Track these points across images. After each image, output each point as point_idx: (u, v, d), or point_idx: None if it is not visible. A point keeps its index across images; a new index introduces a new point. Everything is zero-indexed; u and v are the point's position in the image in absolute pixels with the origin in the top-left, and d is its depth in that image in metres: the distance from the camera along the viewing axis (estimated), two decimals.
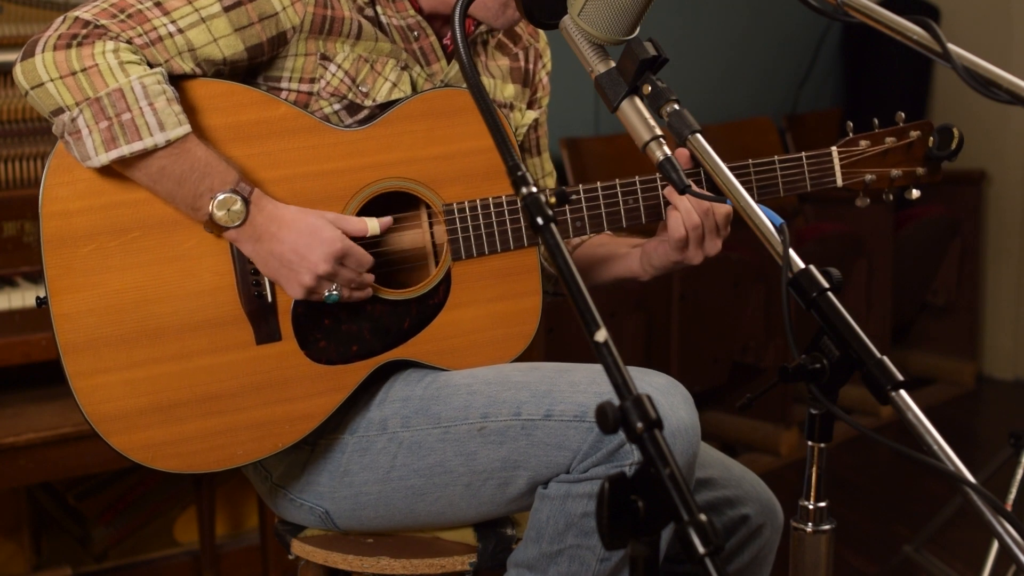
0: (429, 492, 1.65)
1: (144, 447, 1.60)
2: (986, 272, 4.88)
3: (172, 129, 1.53)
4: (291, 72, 1.66)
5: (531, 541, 1.59)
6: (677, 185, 1.24)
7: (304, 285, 1.58)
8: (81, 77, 1.51)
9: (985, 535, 2.24)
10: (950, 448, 1.05)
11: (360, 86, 1.68)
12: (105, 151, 1.52)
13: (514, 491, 1.61)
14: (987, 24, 4.74)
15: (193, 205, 1.56)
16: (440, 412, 1.63)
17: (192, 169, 1.54)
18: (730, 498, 1.75)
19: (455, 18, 1.25)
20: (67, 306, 1.58)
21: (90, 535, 2.93)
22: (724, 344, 3.89)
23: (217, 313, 1.61)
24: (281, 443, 1.64)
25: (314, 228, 1.58)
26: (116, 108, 1.51)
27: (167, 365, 1.60)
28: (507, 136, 1.15)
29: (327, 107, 1.67)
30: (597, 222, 1.73)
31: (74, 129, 1.52)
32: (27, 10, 2.67)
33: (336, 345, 1.65)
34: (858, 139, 1.82)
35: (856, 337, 1.11)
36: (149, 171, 1.55)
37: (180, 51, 1.57)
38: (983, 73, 1.14)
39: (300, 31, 1.64)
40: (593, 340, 0.98)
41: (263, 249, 1.58)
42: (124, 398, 1.59)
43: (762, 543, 1.78)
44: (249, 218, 1.56)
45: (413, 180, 1.68)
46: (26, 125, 2.64)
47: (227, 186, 1.55)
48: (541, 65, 1.90)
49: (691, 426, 1.54)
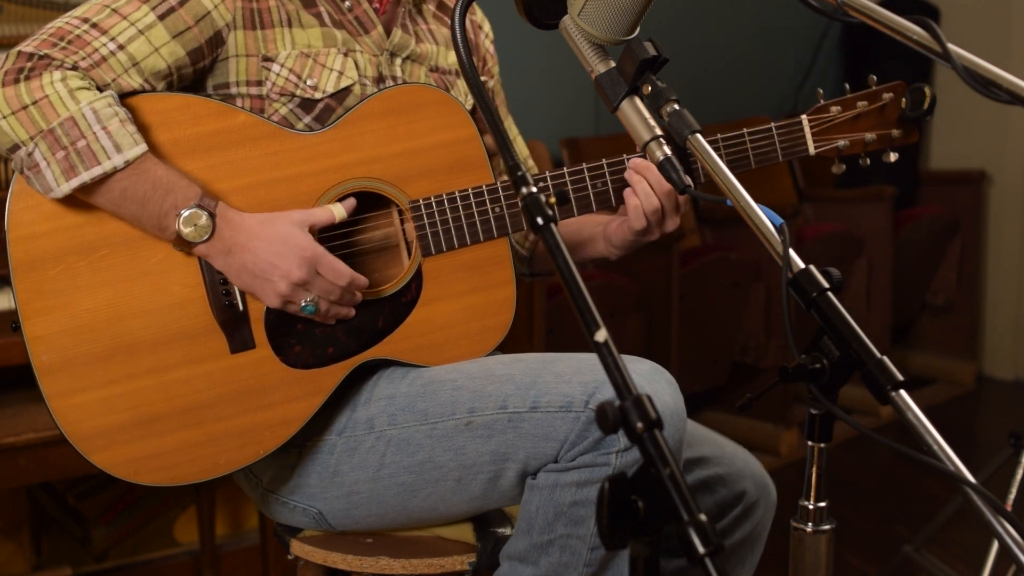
0: (420, 488, 1.65)
1: (126, 462, 1.60)
2: (986, 272, 4.88)
3: (129, 149, 1.53)
4: (236, 76, 1.67)
5: (522, 532, 1.59)
6: (677, 185, 1.24)
7: (280, 293, 1.58)
8: (33, 110, 1.51)
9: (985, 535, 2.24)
10: (950, 448, 1.05)
11: (306, 81, 1.68)
12: (66, 180, 1.52)
13: (505, 484, 1.62)
14: (987, 24, 4.75)
15: (159, 224, 1.56)
16: (427, 408, 1.64)
17: (154, 188, 1.54)
18: (723, 476, 1.76)
19: (455, 18, 1.25)
20: (40, 328, 1.58)
21: (90, 535, 2.93)
22: (724, 344, 3.89)
23: (190, 325, 1.61)
24: (263, 450, 1.64)
25: (285, 235, 1.58)
26: (70, 136, 1.51)
27: (143, 380, 1.60)
28: (507, 136, 1.15)
29: (281, 108, 1.68)
30: (567, 209, 1.73)
31: (32, 163, 1.52)
32: (27, 10, 2.67)
33: (311, 349, 1.65)
34: (829, 105, 1.81)
35: (856, 337, 1.11)
36: (111, 195, 1.55)
37: (125, 68, 1.57)
38: (983, 73, 1.14)
39: (233, 28, 1.64)
40: (593, 340, 0.98)
41: (235, 262, 1.58)
42: (103, 415, 1.59)
43: (756, 520, 1.78)
44: (216, 231, 1.56)
45: (378, 179, 1.68)
46: None
47: (191, 201, 1.55)
48: (484, 35, 1.91)
49: (676, 410, 1.55)
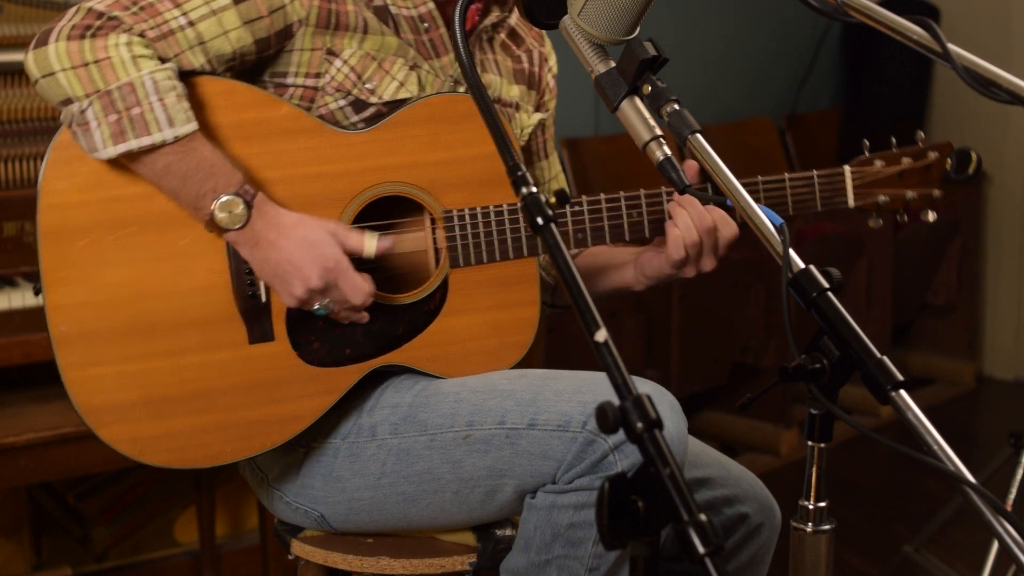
0: (420, 499, 1.65)
1: (132, 440, 1.60)
2: (986, 272, 4.87)
3: (181, 126, 1.53)
4: (296, 67, 1.66)
5: (520, 550, 1.60)
6: (677, 185, 1.24)
7: (295, 296, 1.58)
8: (93, 69, 1.51)
9: (985, 535, 2.24)
10: (950, 448, 1.05)
11: (366, 83, 1.67)
12: (113, 144, 1.52)
13: (502, 498, 1.61)
14: (987, 24, 4.74)
15: (195, 204, 1.56)
16: (427, 419, 1.63)
17: (197, 168, 1.54)
18: (728, 497, 1.75)
19: (456, 18, 1.25)
20: (61, 298, 1.57)
21: (90, 535, 2.93)
22: (724, 344, 3.89)
23: (211, 311, 1.61)
24: (270, 443, 1.63)
25: (313, 242, 1.57)
26: (126, 102, 1.51)
27: (159, 361, 1.59)
28: (507, 136, 1.14)
29: (332, 103, 1.67)
30: (599, 234, 1.71)
31: (83, 120, 1.52)
32: (27, 10, 2.67)
33: (329, 347, 1.65)
34: (873, 159, 1.78)
35: (856, 337, 1.11)
36: (155, 167, 1.55)
37: (191, 44, 1.57)
38: (983, 73, 1.14)
39: (306, 24, 1.64)
40: (593, 340, 0.98)
41: (259, 255, 1.58)
42: (115, 391, 1.59)
43: (760, 542, 1.77)
44: (250, 222, 1.56)
45: (414, 185, 1.67)
46: (26, 125, 2.64)
47: (231, 188, 1.54)
48: (547, 69, 1.89)
49: (677, 434, 1.53)
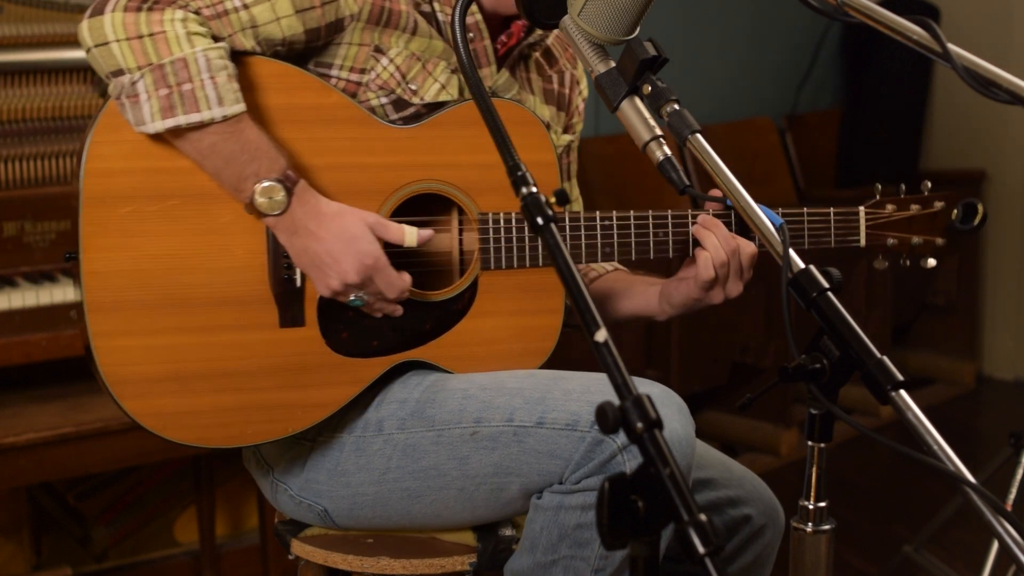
0: (424, 495, 1.65)
1: (156, 415, 1.59)
2: (986, 272, 4.88)
3: (230, 105, 1.52)
4: (343, 60, 1.66)
5: (526, 551, 1.59)
6: (677, 185, 1.24)
7: (330, 288, 1.58)
8: (147, 41, 1.51)
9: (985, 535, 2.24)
10: (950, 448, 1.05)
11: (409, 83, 1.68)
12: (161, 119, 1.52)
13: (507, 497, 1.61)
14: (987, 24, 4.74)
15: (237, 187, 1.56)
16: (434, 415, 1.63)
17: (242, 150, 1.54)
18: (732, 498, 1.75)
19: (455, 17, 1.25)
20: (98, 264, 1.57)
21: (90, 535, 2.93)
22: (724, 344, 3.89)
23: (245, 291, 1.61)
24: (291, 428, 1.64)
25: (353, 236, 1.57)
26: (178, 77, 1.51)
27: (189, 336, 1.60)
28: (507, 136, 1.14)
29: (374, 99, 1.67)
30: (625, 249, 1.73)
31: (133, 92, 1.51)
32: (27, 10, 2.67)
33: (357, 338, 1.66)
34: (884, 202, 1.83)
35: (856, 337, 1.11)
36: (200, 145, 1.54)
37: (244, 27, 1.57)
38: (983, 73, 1.14)
39: (357, 20, 1.64)
40: (593, 340, 0.98)
41: (298, 243, 1.58)
42: (142, 363, 1.59)
43: (764, 544, 1.77)
44: (289, 210, 1.56)
45: (453, 185, 1.69)
46: (26, 125, 2.64)
47: (273, 174, 1.54)
48: (578, 92, 1.90)
49: (685, 437, 1.53)
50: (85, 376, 2.64)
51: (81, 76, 2.70)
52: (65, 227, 2.63)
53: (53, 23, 2.69)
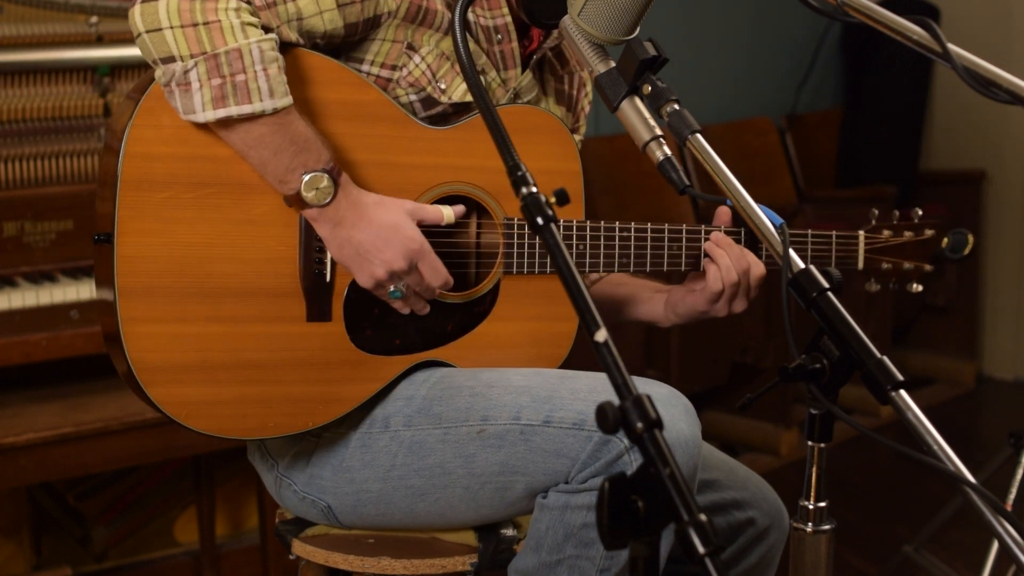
0: (429, 493, 1.65)
1: (180, 403, 1.59)
2: (986, 272, 4.88)
3: (280, 98, 1.53)
4: (374, 55, 1.67)
5: (530, 550, 1.59)
6: (677, 185, 1.24)
7: (375, 277, 1.59)
8: (202, 30, 1.50)
9: (985, 535, 2.24)
10: (950, 448, 1.05)
11: (439, 82, 1.69)
12: (213, 108, 1.51)
13: (512, 496, 1.61)
14: (987, 24, 4.75)
15: (283, 178, 1.56)
16: (441, 412, 1.64)
17: (291, 142, 1.54)
18: (736, 500, 1.75)
19: (455, 18, 1.25)
20: (132, 248, 1.56)
21: (90, 535, 2.93)
22: (724, 344, 3.89)
23: (275, 283, 1.62)
24: (311, 422, 1.64)
25: (396, 224, 1.58)
26: (232, 68, 1.50)
27: (218, 326, 1.60)
28: (507, 136, 1.15)
29: (403, 96, 1.68)
30: (641, 261, 1.76)
31: (184, 81, 1.51)
32: (27, 10, 2.67)
33: (381, 336, 1.67)
34: (881, 227, 1.88)
35: (856, 337, 1.11)
36: (248, 137, 1.54)
37: (290, 18, 1.58)
38: (983, 73, 1.14)
39: (394, 17, 1.65)
40: (593, 340, 0.98)
41: (341, 234, 1.58)
42: (170, 351, 1.58)
43: (768, 546, 1.78)
44: (335, 201, 1.56)
45: (482, 188, 1.70)
46: (26, 125, 2.64)
47: (320, 165, 1.55)
48: (584, 94, 1.92)
49: (691, 438, 1.53)
50: (85, 376, 2.67)
51: (81, 76, 2.70)
52: (66, 227, 2.63)
53: (53, 23, 2.69)
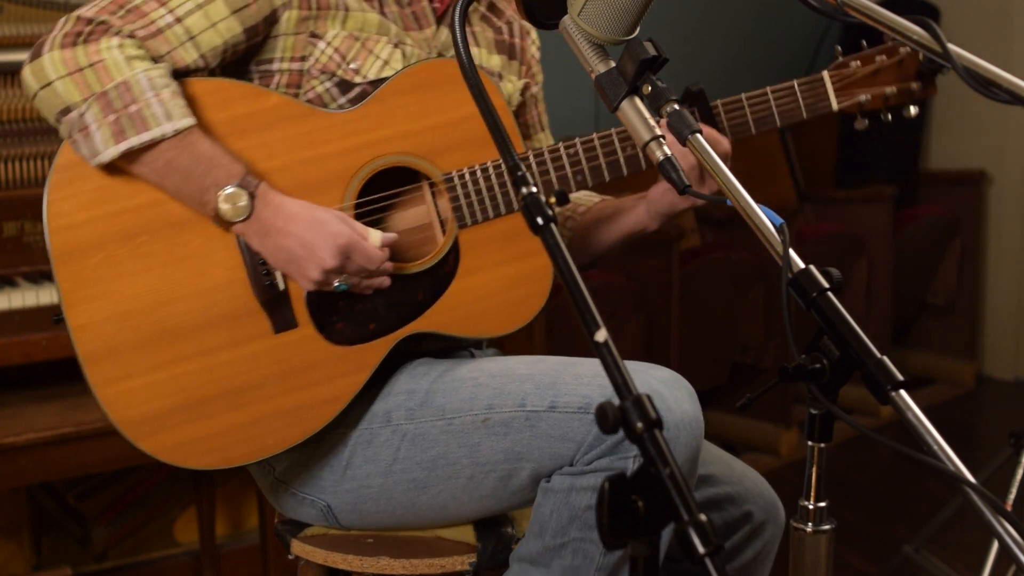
0: (431, 485, 1.65)
1: (175, 447, 1.60)
2: (986, 272, 4.88)
3: (179, 119, 1.54)
4: (281, 52, 1.68)
5: (534, 535, 1.59)
6: (677, 185, 1.24)
7: (313, 279, 1.59)
8: (88, 73, 1.52)
9: (985, 535, 2.24)
10: (950, 448, 1.05)
11: (350, 63, 1.69)
12: (115, 143, 1.53)
13: (516, 484, 1.61)
14: (987, 24, 4.74)
15: (199, 199, 1.57)
16: (444, 404, 1.64)
17: (198, 162, 1.55)
18: (732, 495, 1.75)
19: (455, 18, 1.25)
20: (83, 317, 1.58)
21: (90, 535, 2.93)
22: (724, 344, 3.89)
23: (232, 307, 1.62)
24: (311, 428, 1.64)
25: (321, 221, 1.58)
26: (123, 100, 1.52)
27: (189, 363, 1.60)
28: (507, 135, 1.14)
29: (319, 85, 1.69)
30: (597, 172, 1.73)
31: (82, 125, 1.53)
32: (27, 10, 2.67)
33: (353, 325, 1.66)
34: (848, 61, 1.82)
35: (856, 337, 1.10)
36: (155, 165, 1.55)
37: (181, 41, 1.59)
38: (983, 73, 1.14)
39: (289, 7, 1.65)
40: (593, 340, 0.98)
41: (270, 243, 1.59)
42: (150, 401, 1.59)
43: (764, 541, 1.78)
44: (255, 213, 1.57)
45: (410, 154, 1.68)
46: (26, 125, 2.64)
47: (233, 180, 1.56)
48: (531, 41, 1.92)
49: (695, 419, 1.54)
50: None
51: None
52: None
53: (53, 23, 2.68)
